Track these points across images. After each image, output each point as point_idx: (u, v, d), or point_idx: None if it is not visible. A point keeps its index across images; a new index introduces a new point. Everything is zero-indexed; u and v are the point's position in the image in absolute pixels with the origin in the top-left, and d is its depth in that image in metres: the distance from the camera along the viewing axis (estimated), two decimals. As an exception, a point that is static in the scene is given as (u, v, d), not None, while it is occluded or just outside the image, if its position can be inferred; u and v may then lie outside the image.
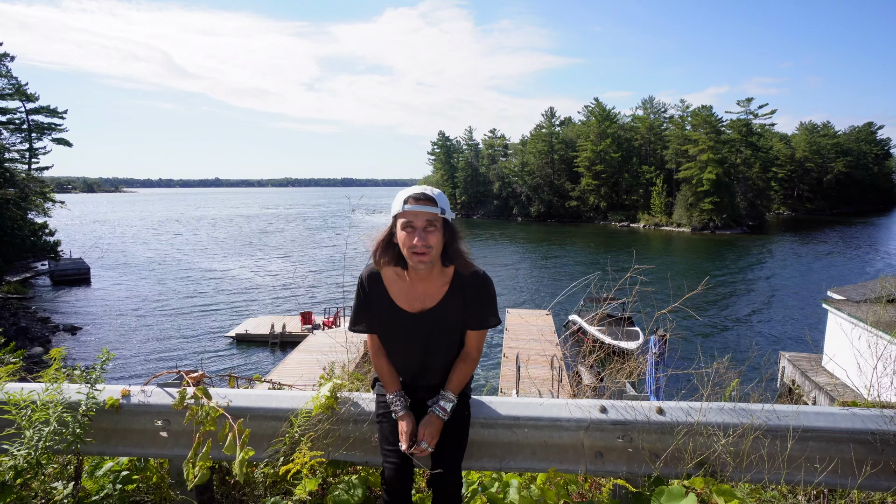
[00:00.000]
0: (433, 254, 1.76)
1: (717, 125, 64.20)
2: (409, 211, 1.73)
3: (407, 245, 1.74)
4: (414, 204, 1.72)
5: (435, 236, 1.75)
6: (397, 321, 1.91)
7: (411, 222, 1.73)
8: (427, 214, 1.73)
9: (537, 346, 16.01)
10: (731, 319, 24.64)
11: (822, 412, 2.08)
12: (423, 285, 1.89)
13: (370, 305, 1.93)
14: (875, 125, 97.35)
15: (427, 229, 1.73)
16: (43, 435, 1.96)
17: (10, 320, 22.35)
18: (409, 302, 1.90)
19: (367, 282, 1.93)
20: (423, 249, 1.72)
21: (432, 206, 1.74)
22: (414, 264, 1.77)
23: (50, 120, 42.90)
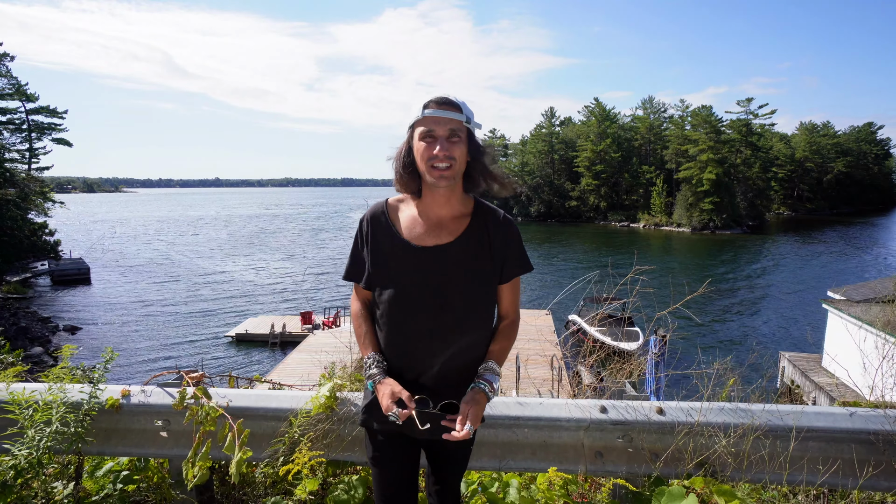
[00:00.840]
0: (457, 167, 1.48)
1: (717, 125, 64.19)
2: (429, 117, 1.46)
3: (426, 157, 1.46)
4: (436, 109, 1.46)
5: (459, 148, 1.48)
6: (405, 260, 1.55)
7: (432, 131, 1.46)
8: (451, 121, 1.46)
9: (537, 346, 16.00)
10: (731, 319, 24.64)
11: (822, 412, 2.08)
12: (440, 213, 1.57)
13: (369, 247, 1.60)
14: (875, 125, 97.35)
15: (451, 139, 1.46)
16: (44, 435, 1.96)
17: (10, 320, 22.35)
18: (421, 233, 1.57)
19: (369, 221, 1.62)
20: (445, 161, 1.45)
21: (457, 112, 1.47)
22: (434, 181, 1.47)
23: (50, 120, 42.90)
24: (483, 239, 1.58)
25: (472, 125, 1.52)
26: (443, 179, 1.47)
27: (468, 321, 1.55)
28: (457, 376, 1.56)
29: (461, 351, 1.56)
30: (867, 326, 11.94)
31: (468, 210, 1.61)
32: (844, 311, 13.67)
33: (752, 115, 67.48)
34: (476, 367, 1.57)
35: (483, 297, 1.58)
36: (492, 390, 1.51)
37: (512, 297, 1.66)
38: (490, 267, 1.58)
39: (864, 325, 12.10)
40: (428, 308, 1.53)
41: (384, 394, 1.47)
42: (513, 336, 1.65)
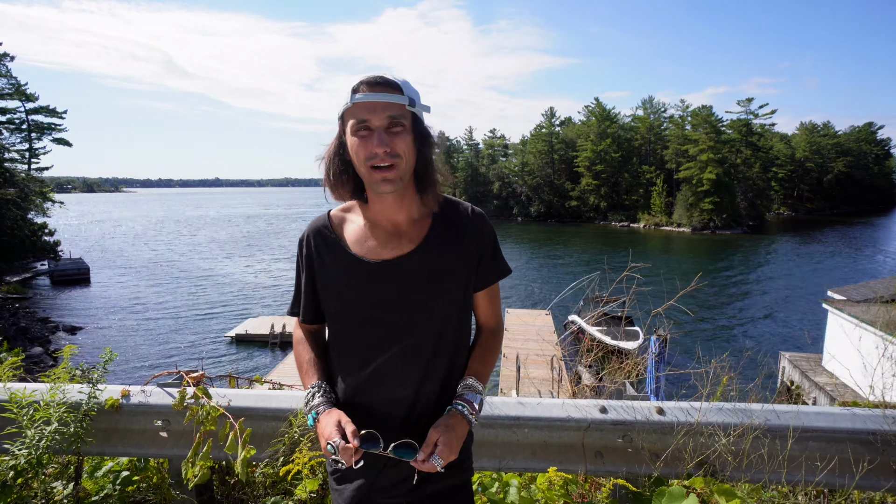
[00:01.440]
0: (403, 166, 1.16)
1: (717, 125, 64.22)
2: (361, 104, 1.13)
3: (362, 156, 1.14)
4: (368, 92, 1.13)
5: (403, 140, 1.16)
6: (360, 279, 1.25)
7: (366, 121, 1.13)
8: (389, 107, 1.14)
9: (537, 346, 16.01)
10: (730, 319, 24.65)
11: (822, 412, 2.08)
12: (394, 218, 1.27)
13: (314, 270, 1.32)
14: (875, 125, 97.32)
15: (391, 129, 1.14)
16: (44, 434, 1.97)
17: (10, 320, 22.35)
18: (375, 246, 1.27)
19: (309, 240, 1.33)
20: (387, 159, 1.13)
21: (396, 93, 1.15)
22: (375, 185, 1.17)
23: (50, 120, 42.91)
24: (450, 241, 1.29)
25: (417, 108, 1.20)
26: (386, 183, 1.15)
27: (443, 340, 1.28)
28: (434, 404, 1.29)
29: (437, 376, 1.28)
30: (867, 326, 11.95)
31: (428, 209, 1.31)
32: (844, 311, 13.68)
33: (753, 115, 67.53)
34: (452, 377, 1.32)
35: (458, 310, 1.30)
36: (472, 412, 1.24)
37: (490, 304, 1.40)
38: (463, 274, 1.30)
39: (864, 325, 12.11)
40: (395, 333, 1.25)
41: (327, 423, 1.18)
42: (496, 348, 1.41)
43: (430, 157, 1.24)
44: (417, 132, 1.20)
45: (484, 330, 1.42)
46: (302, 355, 1.38)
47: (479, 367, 1.34)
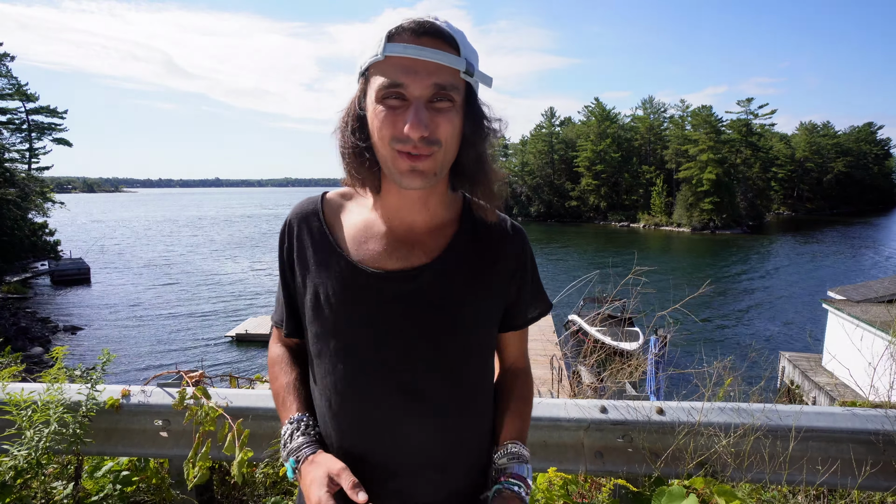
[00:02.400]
0: (441, 157, 0.84)
1: (717, 125, 64.24)
2: (397, 59, 0.80)
3: (388, 134, 0.81)
4: (411, 42, 0.80)
5: (450, 121, 0.82)
6: (352, 292, 0.93)
7: (401, 87, 0.80)
8: (439, 70, 0.80)
9: (537, 346, 15.99)
10: (730, 319, 24.64)
11: (822, 412, 2.08)
12: (410, 219, 0.95)
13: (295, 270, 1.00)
14: (875, 125, 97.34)
15: (436, 104, 0.81)
16: (43, 435, 1.96)
17: (10, 320, 22.36)
18: (377, 251, 0.94)
19: (292, 229, 1.01)
20: (422, 146, 0.81)
21: (450, 51, 0.81)
22: (398, 176, 0.84)
23: (50, 120, 42.93)
24: (480, 259, 0.98)
25: (476, 78, 0.86)
26: (416, 176, 0.83)
27: (460, 388, 0.96)
28: (446, 454, 0.96)
29: (450, 427, 0.95)
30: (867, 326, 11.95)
31: (454, 214, 0.99)
32: (844, 311, 13.68)
33: (752, 115, 67.55)
34: (476, 441, 1.00)
35: (480, 349, 1.00)
36: (528, 490, 0.95)
37: (521, 342, 1.15)
38: (493, 305, 0.99)
39: (864, 325, 12.11)
40: (394, 371, 0.92)
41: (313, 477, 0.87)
42: (531, 397, 1.15)
43: (483, 151, 0.91)
44: (470, 113, 0.87)
45: (516, 374, 1.14)
46: (278, 378, 1.03)
47: (520, 425, 1.04)
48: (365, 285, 0.93)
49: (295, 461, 0.93)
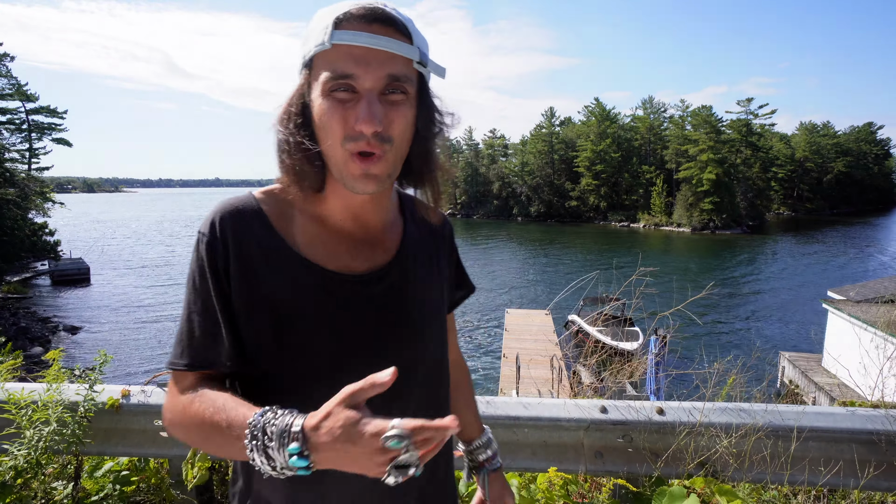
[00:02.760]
0: (393, 157, 0.77)
1: (717, 125, 64.25)
2: (346, 48, 0.73)
3: (339, 131, 0.74)
4: (360, 30, 0.73)
5: (404, 116, 0.76)
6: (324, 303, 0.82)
7: (351, 78, 0.73)
8: (393, 60, 0.74)
9: (537, 346, 16.01)
10: (730, 319, 24.65)
11: (823, 412, 2.08)
12: (367, 218, 0.88)
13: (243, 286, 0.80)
14: (875, 125, 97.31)
15: (389, 96, 0.75)
16: (43, 435, 1.96)
17: (10, 320, 22.36)
18: (338, 253, 0.85)
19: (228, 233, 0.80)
20: (375, 144, 0.74)
21: (402, 39, 0.75)
22: (352, 182, 0.77)
23: (50, 120, 42.92)
24: (427, 247, 0.97)
25: (429, 68, 0.80)
26: (369, 180, 0.76)
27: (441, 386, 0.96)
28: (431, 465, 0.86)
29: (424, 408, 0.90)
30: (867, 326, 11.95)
31: (396, 206, 0.97)
32: (844, 311, 13.68)
33: (752, 115, 67.58)
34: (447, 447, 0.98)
35: (444, 342, 0.98)
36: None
37: (454, 332, 1.11)
38: (442, 290, 0.98)
39: (864, 325, 12.11)
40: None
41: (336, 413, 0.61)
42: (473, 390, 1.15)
43: (433, 148, 0.86)
44: (423, 106, 0.80)
45: (461, 367, 1.13)
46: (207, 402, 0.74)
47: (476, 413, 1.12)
48: (341, 293, 0.83)
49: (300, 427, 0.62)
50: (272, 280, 0.80)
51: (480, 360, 18.12)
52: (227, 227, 0.80)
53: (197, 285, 0.80)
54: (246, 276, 0.80)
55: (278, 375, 0.81)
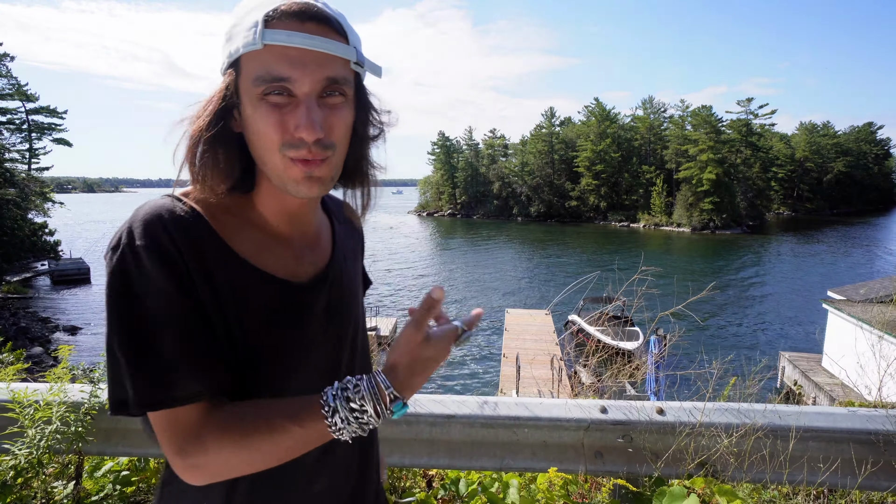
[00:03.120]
0: (336, 161, 0.75)
1: (717, 125, 64.26)
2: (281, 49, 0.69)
3: (276, 139, 0.70)
4: (295, 30, 0.69)
5: (343, 120, 0.74)
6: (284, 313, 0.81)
7: (286, 81, 0.69)
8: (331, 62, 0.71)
9: (537, 346, 16.02)
10: (730, 319, 24.65)
11: (822, 412, 2.08)
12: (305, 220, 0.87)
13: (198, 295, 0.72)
14: (875, 125, 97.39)
15: (328, 99, 0.72)
16: (45, 434, 1.97)
17: (10, 320, 22.37)
18: (290, 263, 0.83)
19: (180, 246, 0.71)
20: (317, 151, 0.71)
21: (338, 38, 0.72)
22: (295, 187, 0.73)
23: (50, 120, 42.93)
24: (348, 241, 0.98)
25: (366, 68, 0.77)
26: (313, 184, 0.73)
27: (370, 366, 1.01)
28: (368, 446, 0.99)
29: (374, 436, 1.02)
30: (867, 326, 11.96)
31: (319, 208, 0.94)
32: (844, 311, 13.69)
33: (753, 115, 67.60)
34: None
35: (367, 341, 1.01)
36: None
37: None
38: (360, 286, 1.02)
39: (864, 325, 12.11)
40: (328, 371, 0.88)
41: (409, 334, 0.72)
42: None
43: (368, 151, 0.83)
44: (361, 106, 0.78)
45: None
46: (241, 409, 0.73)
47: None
48: (299, 302, 0.82)
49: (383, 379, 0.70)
50: (229, 292, 0.75)
51: (480, 360, 18.12)
52: (175, 235, 0.71)
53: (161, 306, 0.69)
54: (209, 287, 0.73)
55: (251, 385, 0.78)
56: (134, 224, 0.71)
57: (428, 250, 47.77)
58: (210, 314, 0.73)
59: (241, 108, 0.73)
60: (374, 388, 0.69)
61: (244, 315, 0.76)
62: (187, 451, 0.70)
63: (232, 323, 0.75)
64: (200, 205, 0.77)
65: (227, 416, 0.72)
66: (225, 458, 0.69)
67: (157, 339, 0.68)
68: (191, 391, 0.70)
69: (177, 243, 0.71)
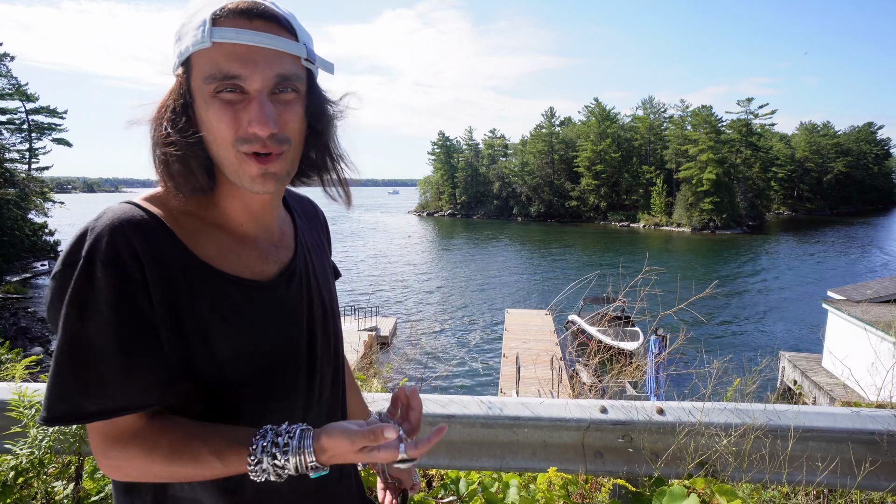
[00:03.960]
0: (291, 155, 0.76)
1: (717, 125, 64.25)
2: (231, 47, 0.70)
3: (229, 135, 0.72)
4: (243, 27, 0.70)
5: (296, 115, 0.75)
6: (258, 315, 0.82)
7: (238, 79, 0.70)
8: (280, 59, 0.72)
9: (537, 346, 16.03)
10: (730, 319, 24.65)
11: (822, 412, 2.08)
12: (266, 218, 0.87)
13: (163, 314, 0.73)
14: (875, 125, 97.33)
15: (280, 95, 0.73)
16: (47, 434, 1.97)
17: (10, 320, 22.37)
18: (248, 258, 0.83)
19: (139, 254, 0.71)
20: (271, 145, 0.72)
21: (286, 35, 0.73)
22: (250, 182, 0.75)
23: (50, 120, 42.91)
24: (314, 235, 1.00)
25: (317, 64, 0.78)
26: (268, 179, 0.75)
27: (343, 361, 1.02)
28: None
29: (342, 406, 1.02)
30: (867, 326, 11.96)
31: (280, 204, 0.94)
32: (844, 311, 13.69)
33: (753, 115, 67.58)
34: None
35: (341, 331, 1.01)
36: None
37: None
38: (330, 277, 1.03)
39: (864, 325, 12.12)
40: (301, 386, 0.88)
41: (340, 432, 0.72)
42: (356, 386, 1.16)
43: (331, 140, 0.84)
44: (314, 103, 0.79)
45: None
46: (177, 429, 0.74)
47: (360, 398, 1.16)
48: (266, 302, 0.82)
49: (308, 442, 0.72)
50: (193, 298, 0.75)
51: (480, 360, 18.12)
52: (135, 245, 0.71)
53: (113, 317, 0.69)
54: (167, 298, 0.73)
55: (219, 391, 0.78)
56: (92, 234, 0.70)
57: (428, 250, 47.77)
58: (161, 329, 0.73)
59: (195, 107, 0.73)
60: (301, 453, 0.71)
61: (208, 319, 0.76)
62: (110, 455, 0.74)
63: (192, 330, 0.75)
64: (162, 209, 0.77)
65: (158, 434, 0.73)
66: (147, 470, 0.73)
67: (97, 354, 0.69)
68: (123, 405, 0.71)
69: (135, 254, 0.71)
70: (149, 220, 0.74)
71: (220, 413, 0.79)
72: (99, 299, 0.69)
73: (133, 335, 0.71)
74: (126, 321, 0.70)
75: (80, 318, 0.69)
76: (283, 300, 0.85)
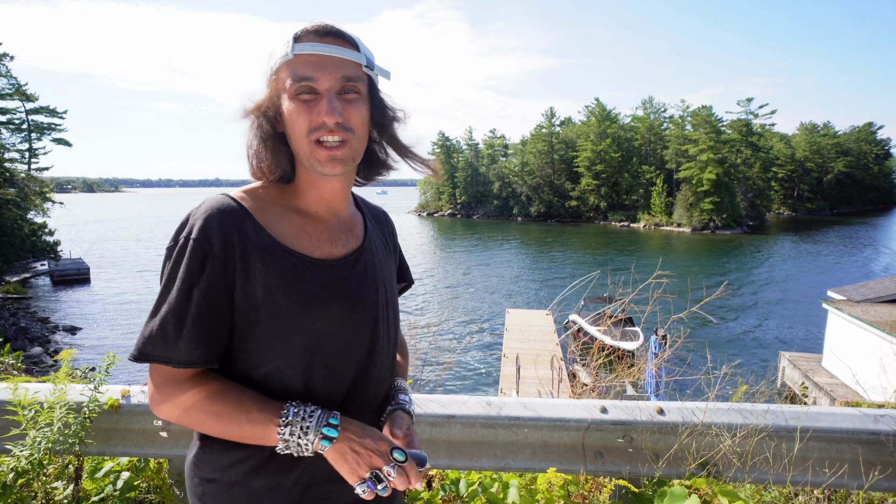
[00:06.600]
0: (355, 144, 0.93)
1: (717, 125, 64.22)
2: (305, 57, 0.89)
3: (304, 126, 0.90)
4: (316, 42, 0.90)
5: (358, 110, 0.93)
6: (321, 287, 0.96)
7: (311, 80, 0.89)
8: (344, 64, 0.91)
9: (537, 346, 16.01)
10: (730, 319, 24.64)
11: (824, 412, 2.08)
12: (337, 207, 1.04)
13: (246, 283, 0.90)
14: (875, 125, 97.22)
15: (344, 94, 0.91)
16: (46, 435, 1.96)
17: (10, 320, 22.36)
18: (319, 241, 0.99)
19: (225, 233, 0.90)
20: (338, 132, 0.90)
21: (350, 48, 0.92)
22: (318, 165, 0.92)
23: (50, 120, 42.90)
24: (383, 236, 1.18)
25: (375, 72, 0.97)
26: (335, 163, 0.92)
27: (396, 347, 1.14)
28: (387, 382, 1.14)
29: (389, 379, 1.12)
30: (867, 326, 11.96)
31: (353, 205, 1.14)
32: (844, 311, 13.68)
33: (753, 115, 67.55)
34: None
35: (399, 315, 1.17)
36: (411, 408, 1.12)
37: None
38: (394, 276, 1.19)
39: (865, 325, 12.11)
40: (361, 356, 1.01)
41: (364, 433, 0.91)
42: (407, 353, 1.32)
43: (395, 130, 1.03)
44: (375, 102, 0.98)
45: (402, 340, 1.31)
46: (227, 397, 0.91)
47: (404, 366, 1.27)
48: (330, 278, 0.98)
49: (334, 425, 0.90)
50: (268, 269, 0.92)
51: (481, 360, 18.11)
52: (224, 234, 0.90)
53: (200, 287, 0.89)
54: (248, 275, 0.91)
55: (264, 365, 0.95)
56: (192, 219, 0.91)
57: (428, 250, 47.74)
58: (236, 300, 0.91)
59: (281, 108, 0.93)
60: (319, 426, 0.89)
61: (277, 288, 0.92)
62: (167, 394, 0.92)
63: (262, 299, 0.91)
64: (249, 198, 0.97)
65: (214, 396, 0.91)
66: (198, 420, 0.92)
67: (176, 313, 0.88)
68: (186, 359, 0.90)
69: (224, 236, 0.90)
70: (236, 207, 0.94)
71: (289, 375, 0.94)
72: (187, 271, 0.88)
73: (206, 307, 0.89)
74: (205, 296, 0.89)
75: (175, 285, 0.89)
76: (347, 278, 1.00)
